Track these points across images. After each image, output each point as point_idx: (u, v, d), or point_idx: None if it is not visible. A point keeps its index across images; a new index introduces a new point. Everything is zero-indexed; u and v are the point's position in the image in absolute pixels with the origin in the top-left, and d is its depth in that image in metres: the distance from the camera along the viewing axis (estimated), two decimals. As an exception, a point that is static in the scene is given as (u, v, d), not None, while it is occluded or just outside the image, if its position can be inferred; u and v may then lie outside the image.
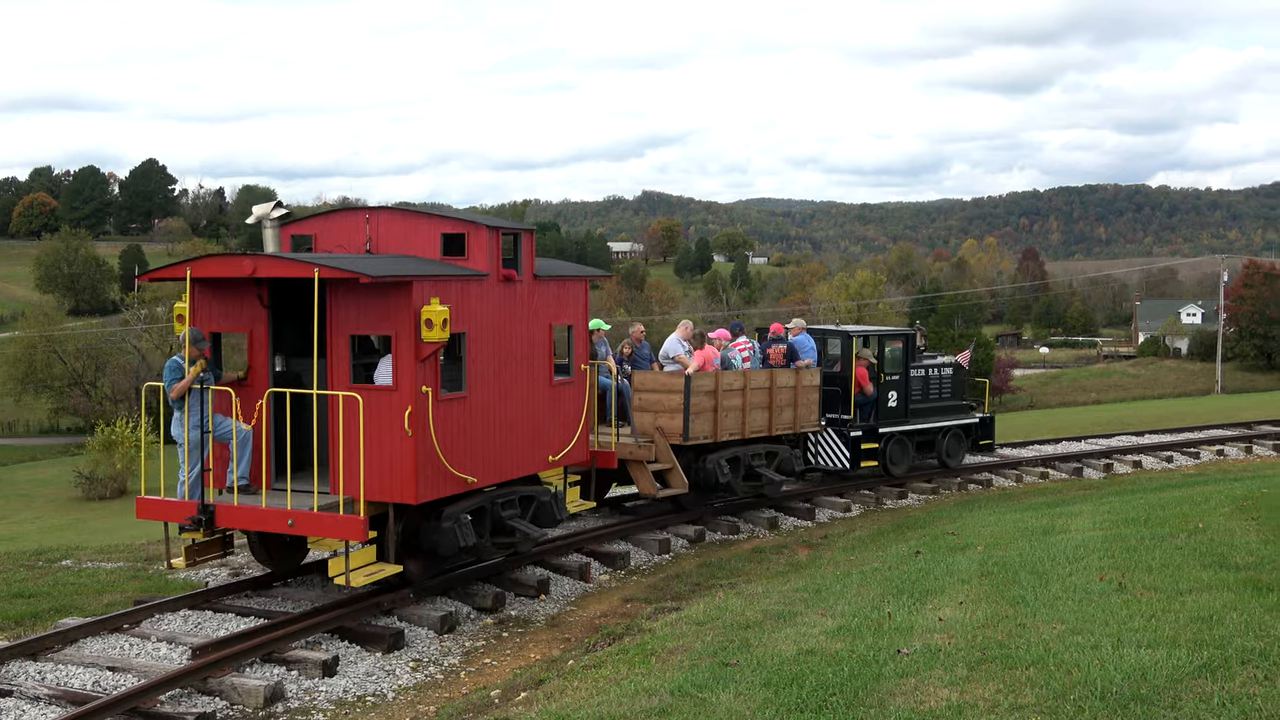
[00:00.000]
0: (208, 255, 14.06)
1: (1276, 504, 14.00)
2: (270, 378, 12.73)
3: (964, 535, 15.10)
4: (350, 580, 11.70)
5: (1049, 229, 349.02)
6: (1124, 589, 9.85)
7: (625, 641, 11.07)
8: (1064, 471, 24.52)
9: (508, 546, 13.99)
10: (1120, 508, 16.04)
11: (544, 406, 14.21)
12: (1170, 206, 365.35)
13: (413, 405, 11.91)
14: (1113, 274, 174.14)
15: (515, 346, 13.61)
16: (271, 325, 12.81)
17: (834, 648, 8.87)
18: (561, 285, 14.65)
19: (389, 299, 11.93)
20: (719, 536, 17.64)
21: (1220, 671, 7.15)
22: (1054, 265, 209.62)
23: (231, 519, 12.23)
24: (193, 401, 12.06)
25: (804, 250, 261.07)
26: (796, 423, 19.49)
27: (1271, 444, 28.51)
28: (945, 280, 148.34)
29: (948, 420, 23.67)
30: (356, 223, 13.56)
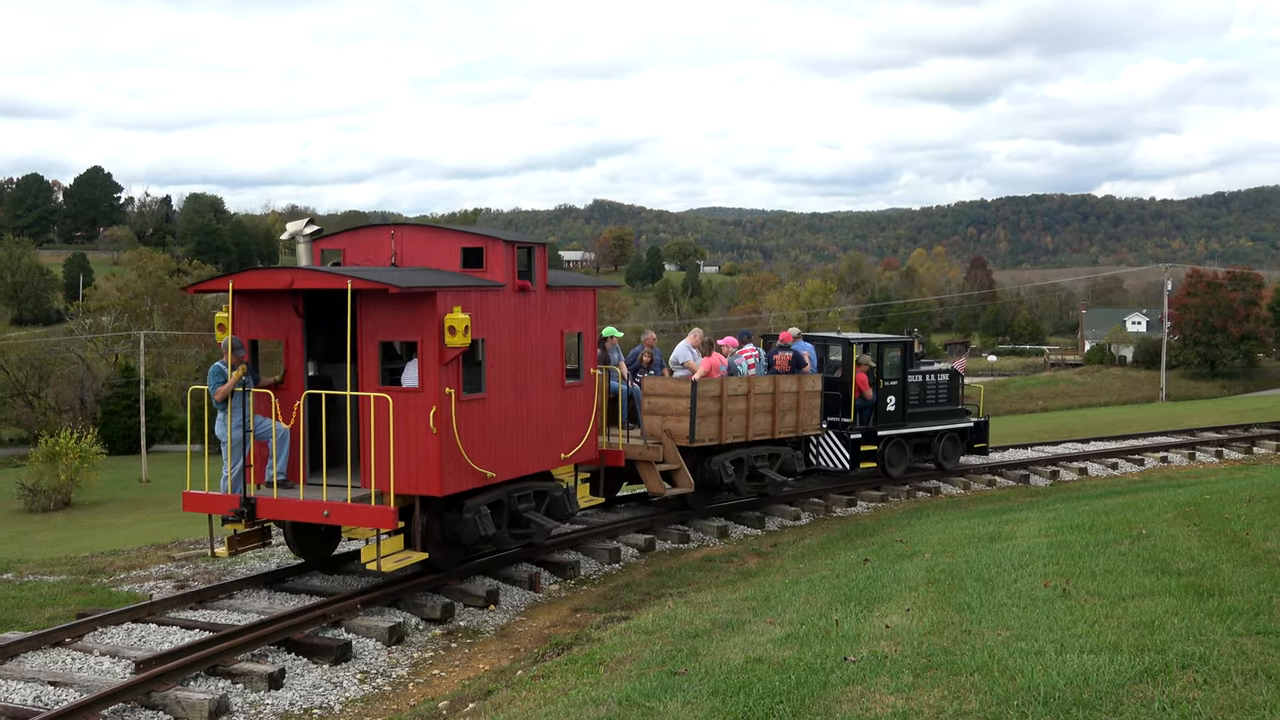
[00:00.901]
0: (249, 269, 15.65)
1: (1218, 510, 14.17)
2: (305, 381, 13.74)
3: (912, 543, 15.18)
4: (381, 566, 12.75)
5: (996, 238, 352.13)
6: (1068, 595, 9.94)
7: (574, 651, 11.05)
8: (1011, 479, 24.74)
9: (524, 537, 15.19)
10: (1066, 515, 16.19)
11: (556, 408, 15.33)
12: (1115, 216, 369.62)
13: (437, 405, 12.99)
14: (1059, 283, 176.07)
15: (530, 352, 14.70)
16: (305, 333, 13.81)
17: (781, 656, 8.89)
18: (572, 295, 15.68)
19: (415, 308, 12.98)
20: (669, 545, 17.66)
21: (1161, 676, 7.23)
22: (1001, 274, 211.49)
23: (271, 511, 13.20)
24: (235, 403, 13.14)
25: (755, 259, 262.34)
26: (799, 426, 20.49)
27: (1214, 450, 28.90)
28: (895, 289, 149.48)
29: (944, 424, 24.71)
30: (382, 238, 14.63)
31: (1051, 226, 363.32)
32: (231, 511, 13.19)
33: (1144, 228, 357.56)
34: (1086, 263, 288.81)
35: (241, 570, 15.56)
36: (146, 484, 58.93)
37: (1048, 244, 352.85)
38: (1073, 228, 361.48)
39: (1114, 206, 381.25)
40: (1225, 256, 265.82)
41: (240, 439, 13.23)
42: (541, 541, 15.88)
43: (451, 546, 14.25)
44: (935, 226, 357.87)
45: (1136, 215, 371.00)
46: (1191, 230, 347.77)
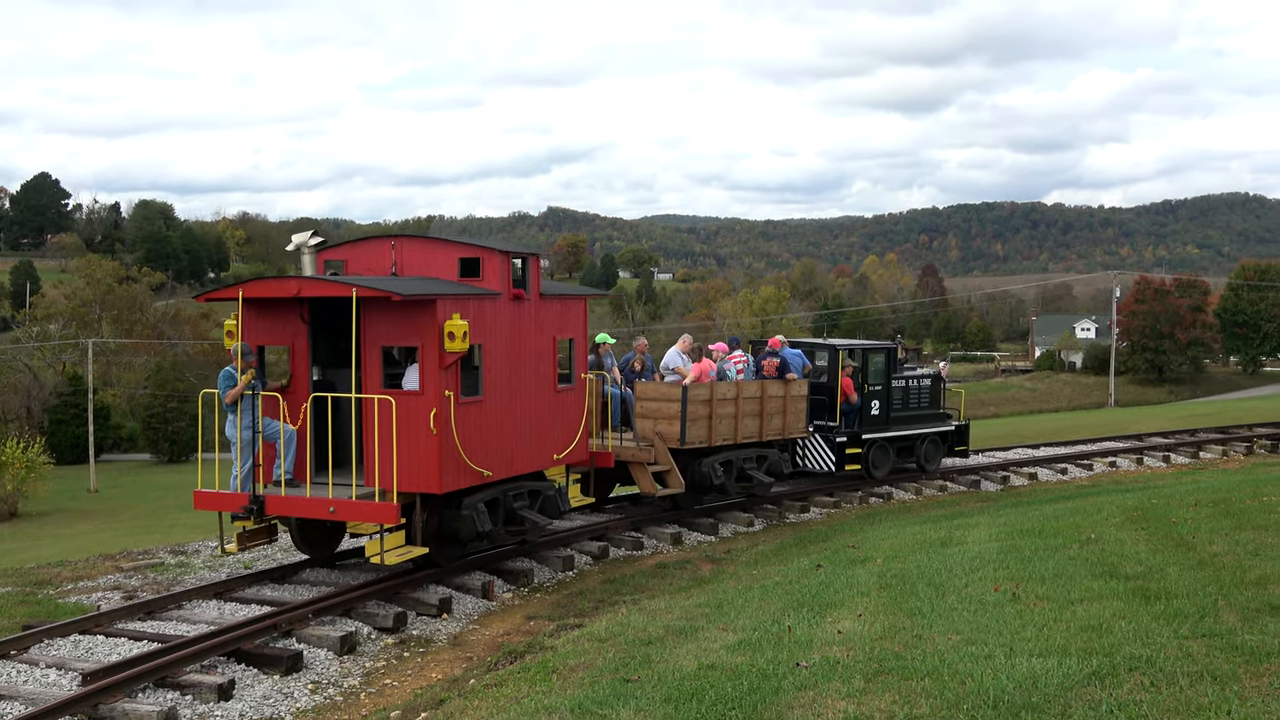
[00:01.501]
0: (258, 278, 16.02)
1: (1165, 515, 14.34)
2: (310, 385, 14.41)
3: (864, 548, 15.26)
4: (385, 559, 13.35)
5: (948, 246, 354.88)
6: (1018, 599, 10.03)
7: (527, 659, 11.02)
8: (962, 484, 24.92)
9: (518, 534, 15.81)
10: (1016, 519, 16.33)
11: (549, 410, 15.99)
12: (1065, 224, 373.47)
13: (437, 407, 13.64)
14: (1010, 290, 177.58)
15: (524, 357, 15.36)
16: (310, 339, 14.45)
17: (734, 662, 8.91)
18: (564, 303, 16.36)
19: (416, 315, 13.63)
20: (623, 553, 17.65)
21: (1109, 679, 7.30)
22: (953, 281, 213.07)
23: (280, 508, 13.83)
24: (245, 406, 13.73)
25: (709, 266, 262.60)
26: (785, 429, 21.18)
27: (1161, 455, 29.24)
28: (847, 296, 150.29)
29: (926, 427, 25.52)
30: (383, 249, 15.20)
31: (1002, 234, 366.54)
32: (241, 509, 13.76)
33: (1093, 235, 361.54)
34: (1036, 270, 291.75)
35: (191, 580, 15.42)
36: (95, 494, 58.22)
37: (998, 251, 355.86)
38: (1023, 235, 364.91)
39: (1063, 214, 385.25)
40: (1172, 264, 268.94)
41: (249, 440, 13.81)
42: (535, 539, 16.44)
43: (450, 542, 14.93)
44: (887, 234, 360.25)
45: (1085, 223, 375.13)
46: (1139, 238, 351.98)
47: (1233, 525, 12.75)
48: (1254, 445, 30.92)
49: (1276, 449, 30.58)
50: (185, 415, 73.61)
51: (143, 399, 77.23)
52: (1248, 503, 14.50)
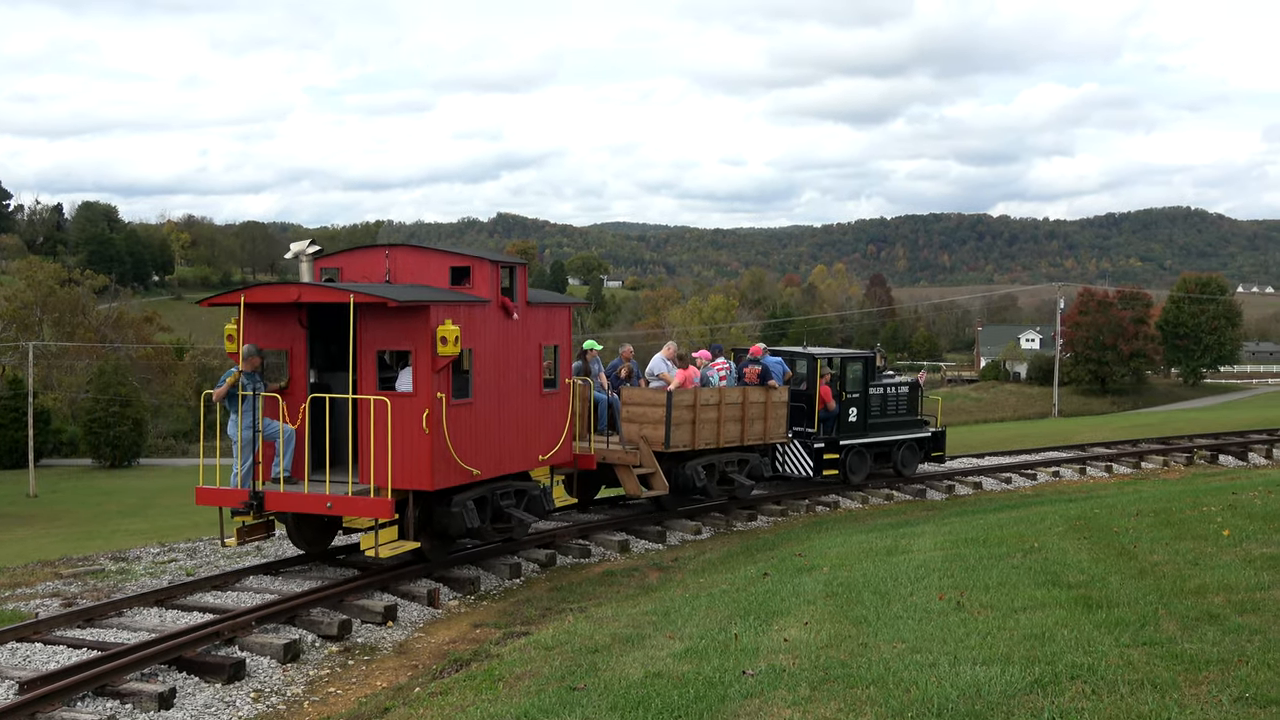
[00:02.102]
0: (259, 284, 16.75)
1: (1107, 524, 14.49)
2: (308, 387, 15.00)
3: (811, 556, 15.31)
4: (379, 553, 14.11)
5: (895, 256, 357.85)
6: (962, 607, 10.10)
7: (473, 667, 10.97)
8: (908, 493, 25.08)
9: (505, 531, 16.37)
10: (960, 528, 16.45)
11: (534, 413, 16.58)
12: (1010, 236, 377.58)
13: (429, 409, 14.24)
14: (956, 300, 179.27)
15: (511, 361, 15.97)
16: (308, 343, 15.08)
17: (681, 670, 8.91)
18: (550, 311, 17.03)
19: (410, 320, 14.24)
20: (570, 560, 17.61)
21: (1051, 687, 7.37)
22: (900, 291, 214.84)
23: (278, 504, 14.45)
24: (245, 406, 14.33)
25: (658, 274, 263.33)
26: (766, 435, 21.88)
27: (1104, 465, 29.56)
28: (796, 305, 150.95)
29: (903, 434, 26.07)
30: (377, 257, 15.88)
31: (949, 245, 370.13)
32: (241, 504, 14.33)
33: (1038, 247, 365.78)
34: (982, 281, 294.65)
35: (132, 587, 15.22)
36: (34, 499, 57.41)
37: (945, 262, 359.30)
38: (969, 246, 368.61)
39: (1009, 226, 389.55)
40: (1116, 276, 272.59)
41: (250, 439, 14.40)
42: (521, 537, 16.85)
43: (440, 537, 15.60)
44: (836, 244, 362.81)
45: (1031, 235, 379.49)
46: (1083, 250, 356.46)
47: (1173, 535, 12.90)
48: (1194, 456, 31.33)
49: (1216, 459, 31.00)
50: (127, 420, 72.85)
51: (84, 403, 76.27)
52: (1188, 513, 14.68)
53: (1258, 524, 12.88)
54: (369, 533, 14.24)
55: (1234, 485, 19.85)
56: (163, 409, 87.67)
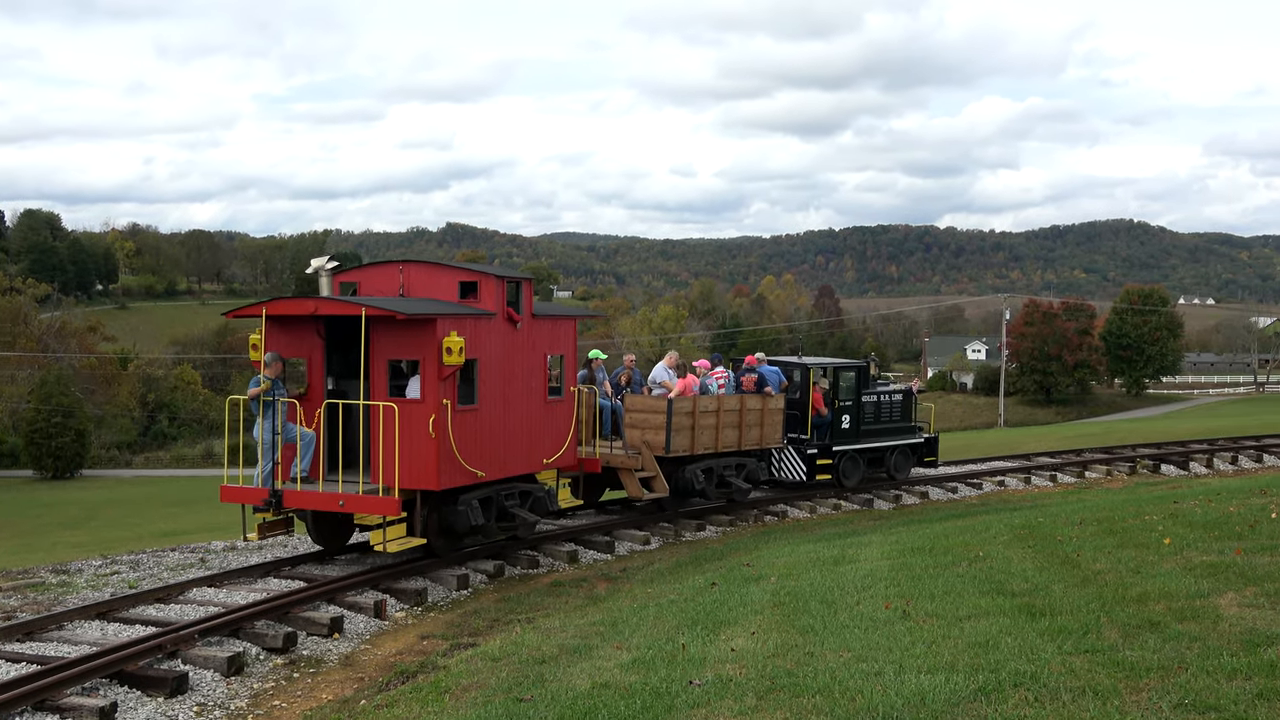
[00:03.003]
0: (280, 297, 17.76)
1: (1051, 533, 14.63)
2: (325, 393, 16.08)
3: (759, 566, 15.35)
4: (387, 548, 15.32)
5: (844, 267, 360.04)
6: (908, 616, 10.16)
7: (419, 679, 10.91)
8: (855, 503, 25.19)
9: (509, 529, 17.45)
10: (907, 537, 16.55)
11: (539, 419, 17.56)
12: (957, 247, 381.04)
13: (436, 414, 15.29)
14: (904, 311, 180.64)
15: (516, 371, 16.94)
16: (326, 352, 16.13)
17: (628, 680, 8.91)
18: (555, 323, 17.93)
19: (418, 332, 15.29)
20: (519, 571, 17.55)
21: (994, 695, 7.43)
22: (848, 302, 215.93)
23: (296, 501, 15.53)
24: (267, 411, 15.36)
25: (608, 284, 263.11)
26: (762, 440, 22.92)
27: (1048, 475, 29.86)
28: (745, 315, 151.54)
29: (896, 440, 26.91)
30: (392, 272, 16.92)
31: (896, 256, 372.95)
32: (262, 502, 15.40)
33: (984, 259, 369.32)
34: (929, 292, 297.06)
35: (73, 600, 15.00)
36: (-27, 511, 56.41)
37: (893, 273, 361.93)
38: (916, 258, 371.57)
39: (955, 238, 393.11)
40: (1060, 287, 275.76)
41: (271, 441, 15.42)
42: (526, 535, 17.79)
43: (447, 534, 16.62)
44: (785, 254, 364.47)
45: (977, 246, 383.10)
46: (1028, 262, 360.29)
47: (1115, 543, 13.05)
48: (1137, 465, 31.72)
49: (1158, 469, 31.39)
50: (70, 431, 71.86)
51: (26, 413, 75.14)
52: (1130, 521, 14.85)
53: (1198, 532, 13.05)
54: (378, 529, 15.47)
55: (1176, 494, 20.11)
56: (106, 420, 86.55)
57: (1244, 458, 32.98)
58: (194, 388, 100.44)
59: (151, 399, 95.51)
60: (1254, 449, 34.08)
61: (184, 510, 44.50)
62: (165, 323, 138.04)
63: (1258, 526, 12.96)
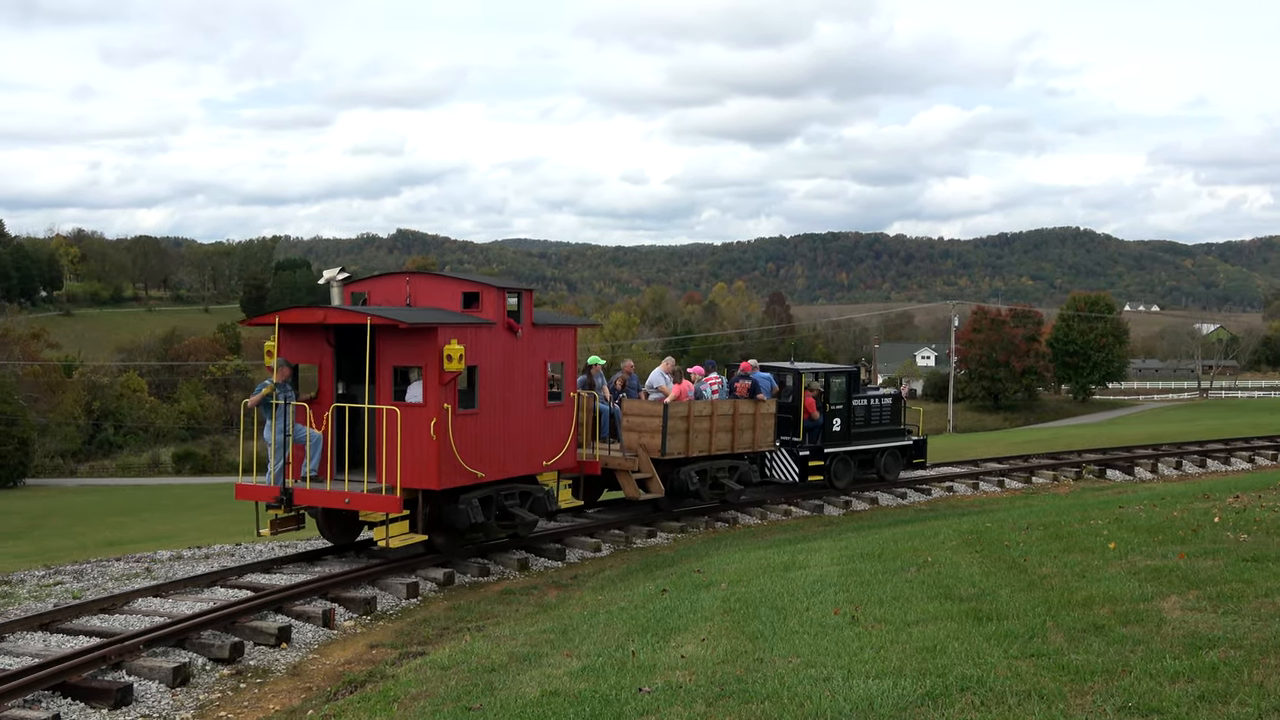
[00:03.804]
0: (292, 307, 18.66)
1: (998, 538, 14.75)
2: (334, 397, 16.97)
3: (709, 573, 15.37)
4: (390, 543, 16.28)
5: (795, 274, 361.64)
6: (856, 622, 10.21)
7: (368, 689, 10.84)
8: (805, 509, 25.30)
9: (509, 528, 18.39)
10: (857, 543, 16.64)
11: (538, 423, 18.30)
12: (907, 254, 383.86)
13: (437, 417, 16.07)
14: (854, 318, 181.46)
15: (516, 377, 17.71)
16: (335, 359, 17.06)
17: (577, 688, 8.89)
18: (555, 331, 18.76)
19: (420, 340, 16.13)
20: (469, 579, 17.49)
21: (941, 699, 7.48)
22: (799, 309, 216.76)
23: (305, 499, 16.37)
24: (278, 414, 16.22)
25: (560, 291, 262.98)
26: (755, 443, 23.88)
27: (996, 480, 30.12)
28: (697, 322, 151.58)
29: (885, 442, 27.97)
30: (399, 283, 17.84)
31: (846, 263, 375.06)
32: (274, 499, 16.23)
33: (933, 266, 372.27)
34: (879, 299, 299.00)
35: (15, 611, 14.78)
36: (-87, 521, 55.45)
37: (843, 280, 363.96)
38: (866, 265, 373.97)
39: (905, 245, 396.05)
40: (1008, 294, 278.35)
41: (282, 442, 16.29)
42: (525, 534, 18.78)
43: (448, 531, 17.44)
44: (736, 261, 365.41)
45: (926, 254, 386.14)
46: (977, 269, 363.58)
47: (1061, 548, 13.17)
48: (1083, 470, 32.07)
49: (1104, 474, 31.76)
50: (13, 439, 70.79)
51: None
52: (1076, 526, 15.00)
53: (1142, 537, 13.20)
54: (382, 526, 16.47)
55: (1120, 499, 20.34)
56: (50, 428, 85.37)
57: (1188, 463, 33.44)
58: (140, 395, 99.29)
59: (97, 407, 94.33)
60: (1198, 454, 34.55)
61: (130, 519, 43.98)
62: (111, 330, 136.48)
63: (1201, 531, 13.13)
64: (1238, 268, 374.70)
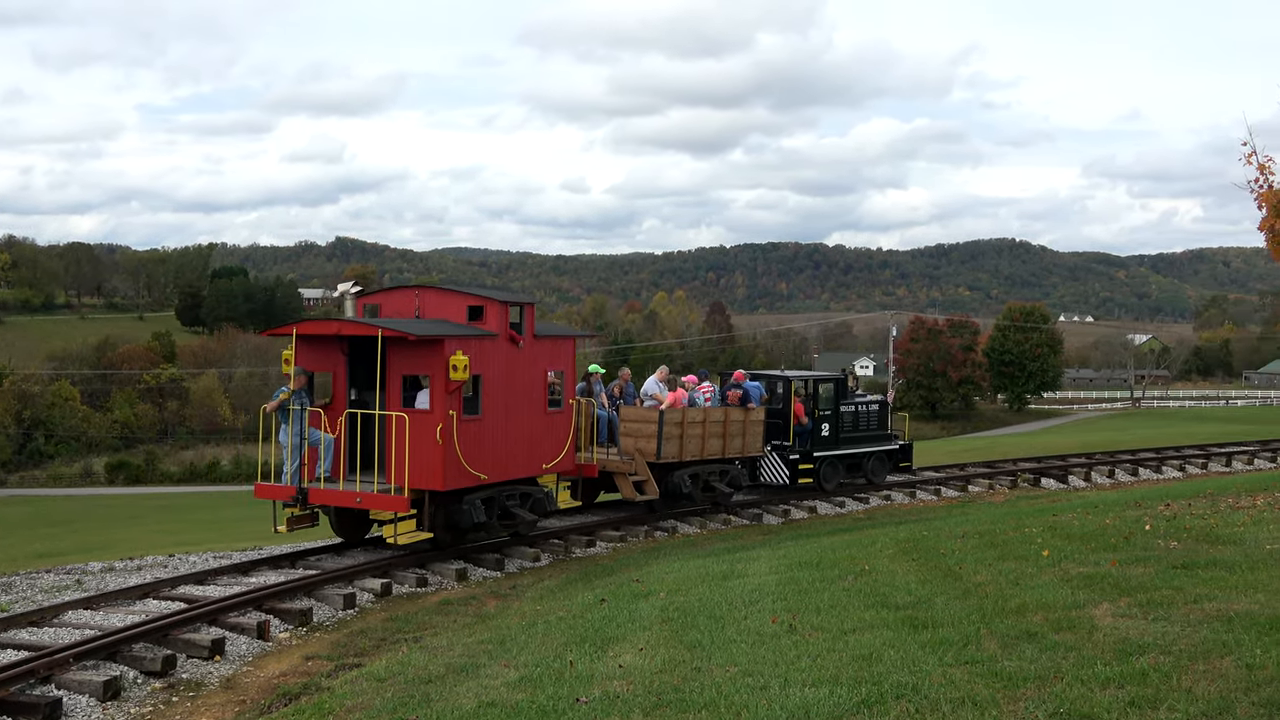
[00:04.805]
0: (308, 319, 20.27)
1: (935, 546, 14.88)
2: (346, 403, 18.14)
3: (648, 582, 15.37)
4: (398, 540, 17.39)
5: (735, 283, 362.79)
6: (794, 630, 10.25)
7: (302, 701, 10.73)
8: (745, 518, 25.35)
9: (510, 527, 19.57)
10: (795, 552, 16.71)
11: (539, 428, 19.42)
12: (845, 264, 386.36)
13: (443, 423, 17.13)
14: (794, 328, 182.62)
15: (517, 385, 18.82)
16: (348, 367, 18.20)
17: (515, 699, 8.86)
18: (555, 342, 19.96)
19: (427, 351, 17.23)
20: (406, 590, 17.36)
21: (877, 707, 7.53)
22: (739, 318, 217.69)
23: (319, 498, 17.47)
24: (295, 418, 17.33)
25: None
26: (745, 449, 25.03)
27: (933, 489, 30.35)
28: (637, 331, 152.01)
29: (873, 447, 28.99)
30: (409, 296, 19.06)
31: (786, 273, 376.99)
32: (290, 498, 17.32)
33: (871, 276, 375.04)
34: (819, 308, 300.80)
35: (-60, 625, 14.47)
36: None
37: (783, 290, 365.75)
38: (806, 275, 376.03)
39: (844, 255, 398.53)
40: (945, 305, 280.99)
41: (298, 445, 17.39)
42: (526, 532, 20.01)
43: (452, 530, 18.51)
44: (677, 271, 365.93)
45: (865, 264, 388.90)
46: (915, 279, 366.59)
47: (996, 556, 13.31)
48: (1018, 479, 32.40)
49: (1039, 483, 32.11)
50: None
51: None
52: (1010, 534, 15.17)
53: (1075, 544, 13.38)
54: (390, 524, 17.51)
55: (1054, 507, 20.59)
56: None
57: (1120, 471, 33.89)
58: (72, 404, 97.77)
59: (27, 416, 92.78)
60: (1130, 463, 35.03)
61: (62, 530, 43.32)
62: (42, 337, 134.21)
63: (1132, 538, 13.33)
64: (1169, 279, 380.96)
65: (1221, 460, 36.30)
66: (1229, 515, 14.85)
